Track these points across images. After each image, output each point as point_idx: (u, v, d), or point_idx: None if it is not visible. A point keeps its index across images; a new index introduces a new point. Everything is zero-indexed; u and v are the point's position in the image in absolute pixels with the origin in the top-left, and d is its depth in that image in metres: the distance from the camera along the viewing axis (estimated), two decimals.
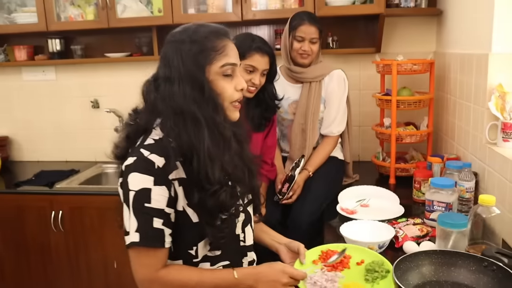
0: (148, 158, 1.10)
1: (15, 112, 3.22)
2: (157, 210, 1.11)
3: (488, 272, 1.10)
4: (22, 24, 2.80)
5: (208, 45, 1.14)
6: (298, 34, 2.20)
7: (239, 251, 1.31)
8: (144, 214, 1.10)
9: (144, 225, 1.10)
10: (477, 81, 1.92)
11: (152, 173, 1.10)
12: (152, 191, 1.10)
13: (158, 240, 1.11)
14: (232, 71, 1.18)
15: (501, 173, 1.68)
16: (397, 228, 1.71)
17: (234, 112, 1.21)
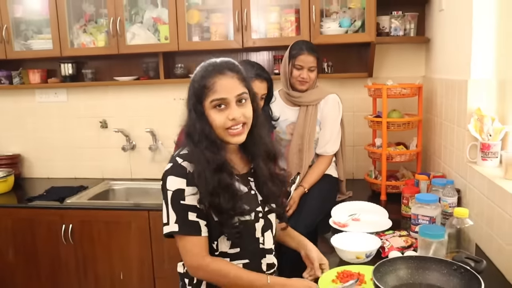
0: (182, 165, 1.37)
1: (28, 132, 3.40)
2: (190, 206, 1.36)
3: (457, 274, 1.24)
4: (38, 50, 2.99)
5: (202, 84, 1.37)
6: (297, 62, 2.37)
7: (259, 252, 1.49)
8: (180, 210, 1.36)
9: (181, 218, 1.36)
10: (459, 105, 2.09)
11: (185, 176, 1.36)
12: (185, 191, 1.35)
13: (196, 230, 1.36)
14: (224, 104, 1.37)
15: (479, 189, 1.83)
16: (384, 240, 1.86)
17: (233, 137, 1.40)
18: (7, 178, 3.02)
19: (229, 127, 1.38)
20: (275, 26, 2.73)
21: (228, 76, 1.37)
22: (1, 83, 3.23)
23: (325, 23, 2.65)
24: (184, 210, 1.36)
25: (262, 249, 1.51)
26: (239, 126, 1.39)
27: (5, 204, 2.86)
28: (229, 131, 1.39)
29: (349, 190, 2.65)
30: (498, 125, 1.87)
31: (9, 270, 2.84)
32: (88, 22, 2.99)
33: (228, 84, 1.37)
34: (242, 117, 1.38)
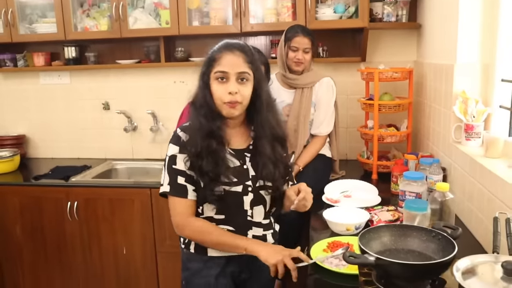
0: (178, 134, 1.55)
1: (32, 113, 3.50)
2: (180, 171, 1.52)
3: (435, 240, 1.36)
4: (43, 33, 3.07)
5: (211, 56, 1.52)
6: (293, 44, 2.48)
7: (246, 224, 1.60)
8: (172, 173, 1.53)
9: (172, 180, 1.53)
10: (446, 88, 2.20)
11: (179, 144, 1.53)
12: (177, 157, 1.52)
13: (182, 192, 1.52)
14: (225, 77, 1.49)
15: (462, 167, 1.96)
16: (373, 214, 1.99)
17: (229, 110, 1.50)
18: (13, 157, 3.14)
19: (226, 102, 1.49)
20: (272, 12, 2.82)
21: (235, 54, 1.50)
22: (6, 65, 3.32)
23: (320, 9, 2.74)
24: (175, 173, 1.52)
25: (250, 221, 1.60)
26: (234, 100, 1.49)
27: (12, 182, 2.98)
28: (227, 104, 1.49)
29: (342, 170, 2.77)
30: (481, 107, 1.98)
31: (17, 246, 2.97)
32: (91, 7, 3.07)
33: (233, 60, 1.49)
34: (238, 94, 1.48)
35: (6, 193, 2.93)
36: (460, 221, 1.94)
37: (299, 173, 2.49)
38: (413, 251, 1.39)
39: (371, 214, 1.98)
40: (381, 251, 1.39)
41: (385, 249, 1.41)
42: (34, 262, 2.98)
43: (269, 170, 1.57)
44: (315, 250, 1.73)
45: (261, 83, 1.56)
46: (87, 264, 2.91)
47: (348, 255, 1.26)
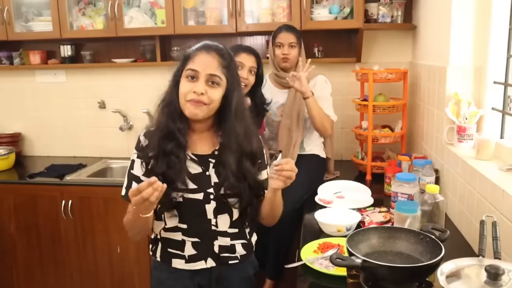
0: (139, 138, 1.52)
1: (28, 111, 3.50)
2: (135, 176, 1.50)
3: (423, 243, 1.37)
4: (38, 31, 3.07)
5: (186, 54, 1.48)
6: (277, 41, 2.49)
7: (210, 233, 1.51)
8: (128, 177, 1.52)
9: (128, 185, 1.51)
10: (439, 90, 2.21)
11: (138, 149, 1.51)
12: (134, 162, 1.51)
13: None
14: (195, 76, 1.42)
15: (454, 169, 1.97)
16: (365, 215, 2.00)
17: (189, 109, 1.42)
18: (9, 155, 3.14)
19: (189, 99, 1.42)
20: (267, 12, 2.82)
21: (210, 55, 1.44)
22: (2, 63, 3.32)
23: (316, 10, 2.75)
24: (130, 178, 1.51)
25: (214, 231, 1.52)
26: (200, 103, 1.42)
27: (7, 180, 2.98)
28: (189, 103, 1.42)
29: (337, 170, 2.77)
30: (474, 109, 1.99)
31: (11, 243, 2.97)
32: (87, 5, 3.07)
33: (206, 60, 1.43)
34: (205, 95, 1.41)
35: (1, 191, 2.93)
36: (452, 223, 1.95)
37: None
38: (401, 253, 1.40)
39: (363, 215, 1.99)
40: (369, 253, 1.40)
41: (373, 251, 1.42)
42: (28, 260, 2.98)
43: (231, 183, 1.47)
44: (306, 251, 1.73)
45: (233, 91, 1.47)
46: (81, 263, 2.91)
47: (335, 257, 1.26)
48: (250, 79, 2.27)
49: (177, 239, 1.52)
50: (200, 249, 1.52)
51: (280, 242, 2.39)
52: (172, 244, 1.53)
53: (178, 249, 1.53)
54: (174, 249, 1.53)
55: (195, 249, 1.52)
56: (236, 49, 2.25)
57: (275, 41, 2.51)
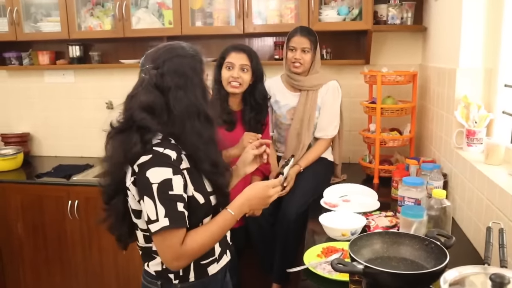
0: (164, 153, 1.29)
1: (37, 111, 3.52)
2: (179, 196, 1.29)
3: (428, 249, 1.33)
4: (47, 32, 3.08)
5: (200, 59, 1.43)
6: (290, 44, 2.46)
7: None
8: (170, 201, 1.27)
9: (171, 210, 1.27)
10: (448, 92, 2.17)
11: (170, 165, 1.29)
12: (173, 180, 1.28)
13: (183, 221, 1.29)
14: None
15: (463, 174, 1.92)
16: (370, 219, 1.96)
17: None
18: (17, 155, 3.16)
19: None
20: (275, 13, 2.80)
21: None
22: (11, 63, 3.34)
23: (324, 11, 2.72)
24: (173, 201, 1.28)
25: None
26: None
27: (14, 180, 2.99)
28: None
29: (344, 174, 2.74)
30: (484, 113, 1.95)
31: (18, 243, 2.99)
32: (95, 6, 3.08)
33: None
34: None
35: (9, 191, 2.95)
36: (460, 228, 1.91)
37: (299, 176, 2.46)
38: (405, 259, 1.37)
39: (368, 219, 1.95)
40: (372, 259, 1.37)
41: (376, 256, 1.38)
42: (34, 259, 3.00)
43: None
44: (309, 255, 1.71)
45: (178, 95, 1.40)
46: (86, 263, 2.92)
47: (337, 262, 1.23)
48: (243, 77, 2.26)
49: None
50: (223, 244, 1.51)
51: (286, 245, 2.36)
52: (204, 255, 1.41)
53: (210, 256, 1.46)
54: (206, 258, 1.44)
55: (220, 246, 1.50)
56: (227, 49, 2.28)
57: (288, 44, 2.48)
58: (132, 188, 1.33)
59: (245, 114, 2.35)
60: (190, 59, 1.41)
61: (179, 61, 1.39)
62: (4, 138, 3.43)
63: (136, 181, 1.31)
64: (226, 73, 2.27)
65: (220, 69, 2.29)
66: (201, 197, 1.38)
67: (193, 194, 1.36)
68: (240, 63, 2.24)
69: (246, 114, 2.35)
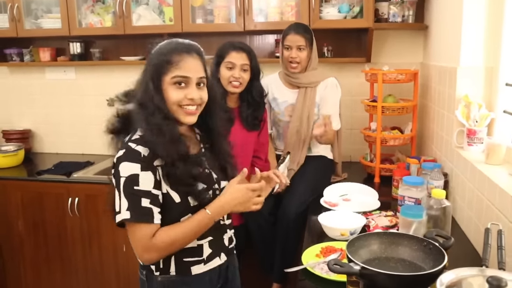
0: (135, 149, 1.33)
1: (38, 108, 3.52)
2: (144, 192, 1.31)
3: (426, 250, 1.32)
4: (47, 28, 3.08)
5: (166, 59, 1.37)
6: (285, 43, 2.45)
7: (220, 228, 1.53)
8: (133, 195, 1.30)
9: (133, 204, 1.30)
10: (449, 91, 2.15)
11: (139, 161, 1.32)
12: (140, 176, 1.31)
13: (147, 217, 1.31)
14: (185, 82, 1.38)
15: (463, 173, 1.91)
16: (370, 219, 1.95)
17: (186, 116, 1.40)
18: (18, 152, 3.16)
19: (184, 105, 1.39)
20: (276, 10, 2.79)
21: (194, 58, 1.40)
22: (12, 60, 3.34)
23: (325, 8, 2.70)
24: (137, 196, 1.30)
25: (223, 225, 1.54)
26: (194, 107, 1.41)
27: (15, 177, 3.00)
28: (183, 109, 1.39)
29: (344, 172, 2.73)
30: (485, 112, 1.93)
31: (18, 239, 2.99)
32: (95, 3, 3.07)
33: (194, 64, 1.39)
34: (199, 99, 1.40)
35: (9, 187, 2.95)
36: (460, 228, 1.90)
37: (298, 175, 2.46)
38: (403, 260, 1.36)
39: (368, 219, 1.95)
40: (370, 260, 1.36)
41: (374, 257, 1.37)
42: (35, 257, 3.00)
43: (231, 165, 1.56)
44: (308, 254, 1.70)
45: (212, 85, 1.51)
46: (86, 260, 2.92)
47: (333, 263, 1.22)
48: (244, 77, 2.25)
49: (193, 246, 1.45)
50: (214, 247, 1.50)
51: (285, 245, 2.35)
52: (188, 252, 1.44)
53: (196, 255, 1.46)
54: (191, 257, 1.45)
55: (211, 247, 1.49)
56: (225, 48, 2.25)
57: (284, 42, 2.47)
58: (113, 180, 1.38)
59: (242, 111, 2.35)
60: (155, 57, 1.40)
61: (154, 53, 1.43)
62: (5, 135, 3.44)
63: (114, 173, 1.37)
64: (226, 72, 2.24)
65: (218, 67, 2.27)
66: (176, 196, 1.39)
67: (168, 191, 1.37)
68: (240, 63, 2.23)
69: (244, 111, 2.34)
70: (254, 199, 1.48)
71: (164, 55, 1.38)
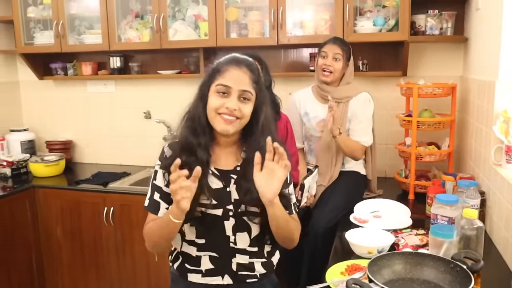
0: (163, 149, 1.52)
1: (80, 120, 3.65)
2: (157, 187, 1.48)
3: (453, 272, 1.26)
4: (89, 44, 3.21)
5: (216, 68, 1.44)
6: (322, 50, 2.45)
7: (228, 250, 1.48)
8: (151, 188, 1.50)
9: (150, 195, 1.50)
10: (487, 106, 2.06)
11: (161, 159, 1.50)
12: (157, 173, 1.49)
13: (155, 208, 1.48)
14: (226, 92, 1.40)
15: (501, 192, 1.82)
16: (400, 237, 1.89)
17: (220, 124, 1.40)
18: (59, 162, 3.28)
19: (221, 113, 1.40)
20: (310, 24, 2.78)
21: (241, 70, 1.41)
22: (57, 74, 3.50)
23: (359, 22, 2.67)
24: (153, 189, 1.49)
25: (233, 248, 1.48)
26: (232, 117, 1.40)
27: (55, 186, 3.11)
28: (220, 116, 1.40)
29: (380, 189, 2.66)
30: None
31: (57, 246, 3.10)
32: (134, 19, 3.17)
33: (238, 76, 1.40)
34: (238, 110, 1.39)
35: (50, 196, 3.07)
36: (497, 250, 1.80)
37: (330, 190, 2.42)
38: (428, 282, 1.31)
39: (398, 237, 1.88)
40: (393, 280, 1.31)
41: (398, 278, 1.33)
42: (72, 263, 3.09)
43: (253, 197, 1.40)
44: (332, 272, 1.65)
45: (262, 105, 1.46)
46: (120, 269, 2.97)
47: (352, 282, 1.19)
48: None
49: (192, 255, 1.49)
50: (217, 264, 1.49)
51: (313, 260, 2.31)
52: (189, 259, 1.51)
53: (194, 265, 1.50)
54: (190, 265, 1.51)
55: (213, 263, 1.49)
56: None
57: (320, 51, 2.47)
58: None
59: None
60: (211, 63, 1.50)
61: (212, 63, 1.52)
62: (49, 145, 3.58)
63: None
64: None
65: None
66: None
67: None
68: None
69: None
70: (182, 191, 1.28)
71: (216, 65, 1.45)
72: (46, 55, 3.46)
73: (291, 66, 3.12)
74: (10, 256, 2.93)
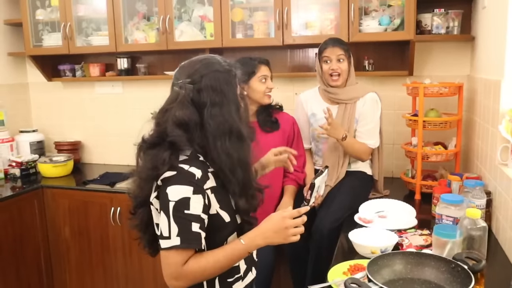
0: (189, 171, 1.29)
1: (88, 120, 3.68)
2: (195, 216, 1.28)
3: (454, 272, 1.25)
4: (97, 45, 3.24)
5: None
6: (324, 55, 2.43)
7: None
8: (184, 220, 1.27)
9: (183, 230, 1.26)
10: (493, 105, 2.04)
11: (192, 183, 1.28)
12: (191, 199, 1.27)
13: (196, 242, 1.29)
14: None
15: (506, 192, 1.80)
16: (404, 237, 1.88)
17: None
18: (67, 162, 3.31)
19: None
20: (315, 24, 2.78)
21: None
22: (65, 75, 3.54)
23: (365, 21, 2.66)
24: (188, 220, 1.27)
25: None
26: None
27: (64, 186, 3.14)
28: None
29: (386, 189, 2.64)
30: None
31: (65, 245, 3.13)
32: (141, 20, 3.19)
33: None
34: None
35: (58, 196, 3.10)
36: (502, 251, 1.78)
37: (335, 190, 2.41)
38: (429, 282, 1.30)
39: (402, 237, 1.87)
40: (393, 280, 1.31)
41: (398, 278, 1.32)
42: (79, 262, 3.12)
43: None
44: (335, 272, 1.65)
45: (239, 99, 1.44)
46: (127, 268, 3.00)
47: (350, 281, 1.18)
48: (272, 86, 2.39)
49: (235, 265, 1.42)
50: (248, 262, 1.50)
51: (318, 260, 2.31)
52: (230, 272, 1.41)
53: (235, 273, 1.45)
54: (232, 276, 1.43)
55: (246, 263, 1.49)
56: (252, 64, 2.34)
57: (321, 56, 2.45)
58: (155, 202, 1.35)
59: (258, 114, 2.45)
60: (226, 74, 1.40)
61: (216, 76, 1.39)
62: (57, 146, 3.62)
63: (159, 195, 1.32)
64: (261, 85, 2.35)
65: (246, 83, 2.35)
66: (226, 216, 1.37)
67: (218, 212, 1.36)
68: (270, 74, 2.39)
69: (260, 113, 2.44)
70: (291, 230, 1.34)
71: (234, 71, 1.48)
72: (54, 57, 3.50)
73: (296, 66, 3.12)
74: (19, 255, 2.97)
